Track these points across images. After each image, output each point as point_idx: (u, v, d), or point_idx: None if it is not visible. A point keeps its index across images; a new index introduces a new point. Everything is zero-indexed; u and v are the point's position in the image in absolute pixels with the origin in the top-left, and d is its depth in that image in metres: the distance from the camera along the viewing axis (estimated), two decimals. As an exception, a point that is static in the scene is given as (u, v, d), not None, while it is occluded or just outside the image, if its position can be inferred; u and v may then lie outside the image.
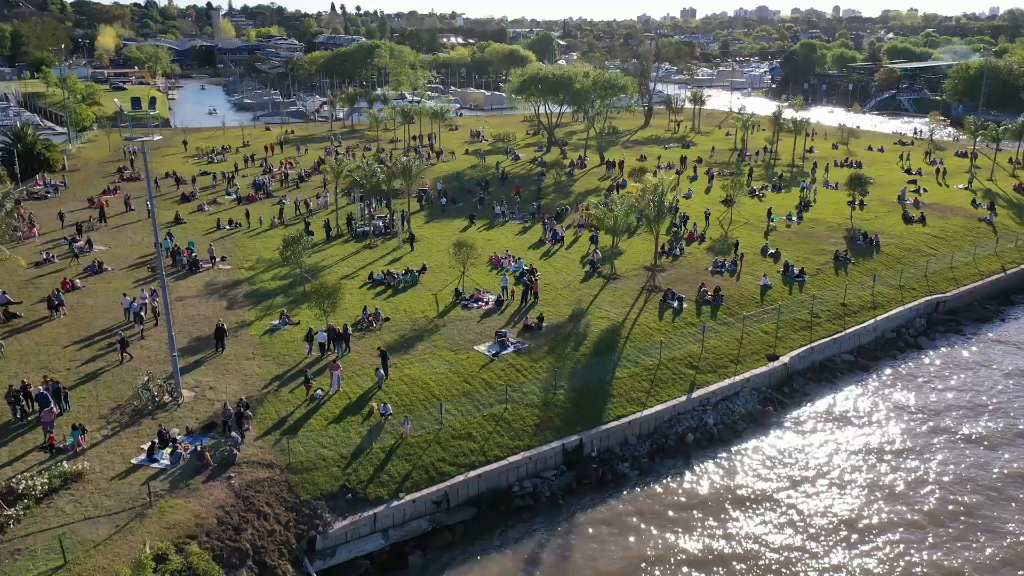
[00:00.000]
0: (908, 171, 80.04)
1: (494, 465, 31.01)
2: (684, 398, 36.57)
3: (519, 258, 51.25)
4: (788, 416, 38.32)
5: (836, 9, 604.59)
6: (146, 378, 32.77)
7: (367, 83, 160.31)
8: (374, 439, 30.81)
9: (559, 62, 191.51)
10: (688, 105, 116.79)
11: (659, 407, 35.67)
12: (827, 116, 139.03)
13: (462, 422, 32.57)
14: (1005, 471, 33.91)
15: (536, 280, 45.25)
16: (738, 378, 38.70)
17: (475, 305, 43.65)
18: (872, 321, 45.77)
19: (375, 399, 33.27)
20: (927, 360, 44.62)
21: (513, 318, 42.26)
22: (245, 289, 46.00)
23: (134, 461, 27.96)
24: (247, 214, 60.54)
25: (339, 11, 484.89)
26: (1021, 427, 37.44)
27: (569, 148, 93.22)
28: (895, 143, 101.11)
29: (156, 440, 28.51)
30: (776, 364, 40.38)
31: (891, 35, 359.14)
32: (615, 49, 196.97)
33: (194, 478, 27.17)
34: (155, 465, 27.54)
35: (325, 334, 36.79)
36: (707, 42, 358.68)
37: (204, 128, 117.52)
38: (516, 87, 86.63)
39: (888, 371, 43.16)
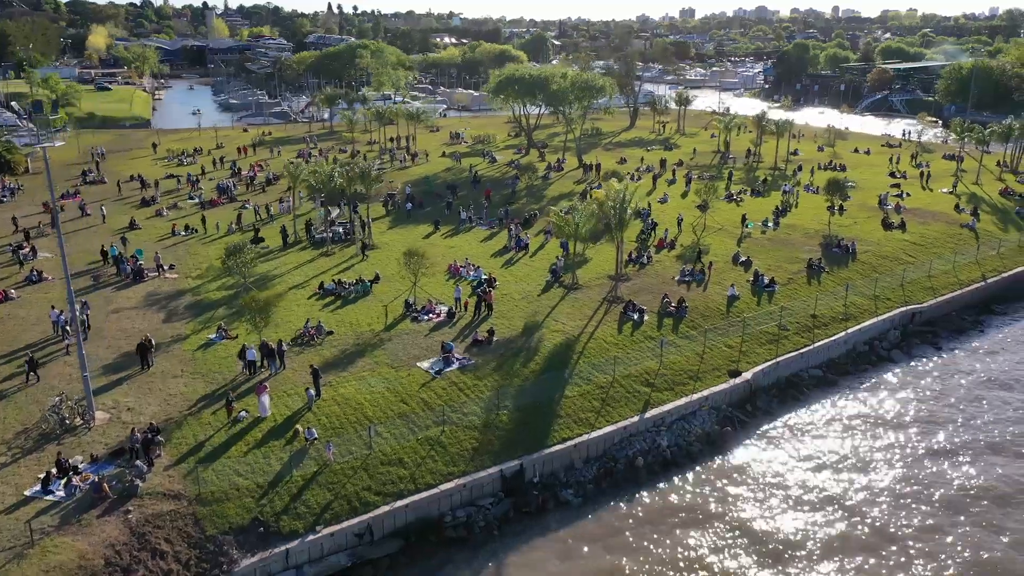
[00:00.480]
0: (892, 174, 78.03)
1: (425, 493, 29.03)
2: (636, 418, 34.58)
3: (478, 267, 49.28)
4: (748, 436, 36.33)
5: (835, 9, 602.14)
6: (57, 399, 30.78)
7: (355, 83, 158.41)
8: (295, 466, 28.84)
9: (552, 62, 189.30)
10: (673, 106, 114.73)
11: (609, 428, 33.69)
12: (817, 117, 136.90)
13: (394, 446, 30.59)
14: (970, 486, 32.15)
15: (491, 291, 43.25)
16: (696, 396, 36.72)
17: (425, 318, 41.68)
18: (843, 334, 43.79)
19: (302, 422, 31.30)
20: (899, 374, 42.64)
21: (464, 332, 40.30)
22: (188, 300, 44.02)
23: (27, 493, 26.00)
24: (203, 219, 58.51)
25: (335, 11, 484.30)
26: (989, 440, 35.50)
27: (549, 150, 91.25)
28: (882, 145, 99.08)
29: (53, 469, 26.53)
30: (738, 381, 38.40)
31: (887, 35, 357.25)
32: (602, 49, 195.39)
33: (88, 512, 25.21)
34: (48, 498, 25.59)
35: (255, 351, 34.80)
36: (702, 42, 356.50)
37: (183, 129, 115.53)
38: (492, 88, 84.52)
39: (857, 386, 41.17)
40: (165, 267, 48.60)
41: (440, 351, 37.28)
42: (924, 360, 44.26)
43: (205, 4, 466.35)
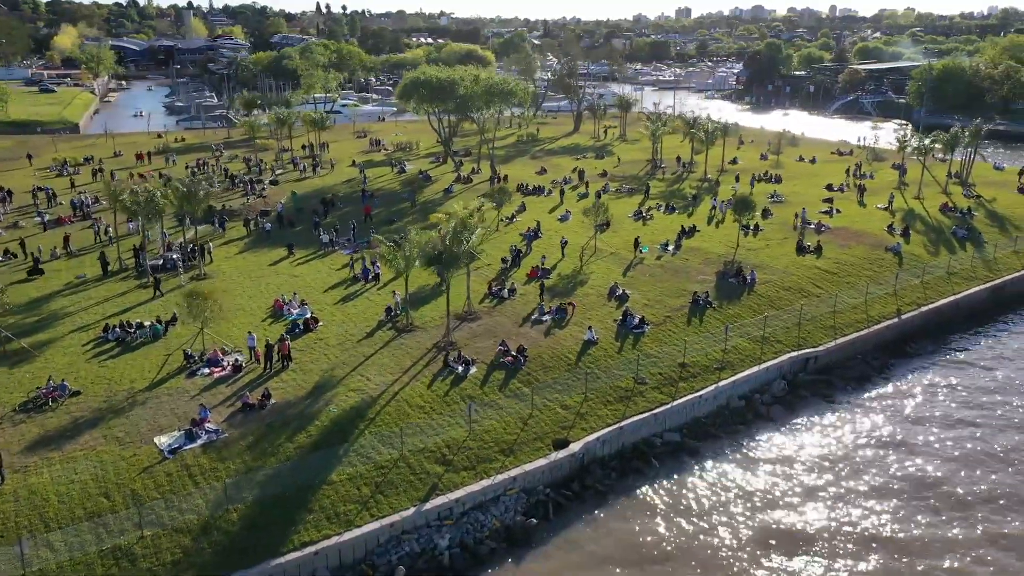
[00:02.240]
0: (829, 187, 71.19)
1: (83, 631, 22.31)
2: (412, 510, 27.77)
3: (305, 302, 42.50)
4: (566, 526, 29.53)
5: (832, 9, 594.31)
6: None
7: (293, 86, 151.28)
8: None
9: (498, 66, 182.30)
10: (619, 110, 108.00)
11: (371, 526, 26.89)
12: (779, 120, 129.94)
13: (61, 562, 23.81)
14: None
15: (286, 340, 36.35)
16: (502, 477, 29.92)
17: (205, 371, 34.92)
18: (711, 388, 36.98)
19: (-49, 529, 24.56)
20: (775, 437, 35.80)
21: (244, 390, 33.53)
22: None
23: None
24: (22, 243, 51.71)
25: (323, 11, 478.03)
26: (872, 534, 28.70)
27: (471, 159, 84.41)
28: (832, 152, 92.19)
29: None
30: (562, 454, 31.61)
31: (877, 34, 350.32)
32: (587, 49, 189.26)
33: None
34: None
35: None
36: (685, 42, 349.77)
37: (93, 135, 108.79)
38: (400, 91, 77.72)
39: (721, 454, 34.36)
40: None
41: (190, 422, 30.51)
42: (809, 418, 37.43)
43: (190, 3, 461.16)
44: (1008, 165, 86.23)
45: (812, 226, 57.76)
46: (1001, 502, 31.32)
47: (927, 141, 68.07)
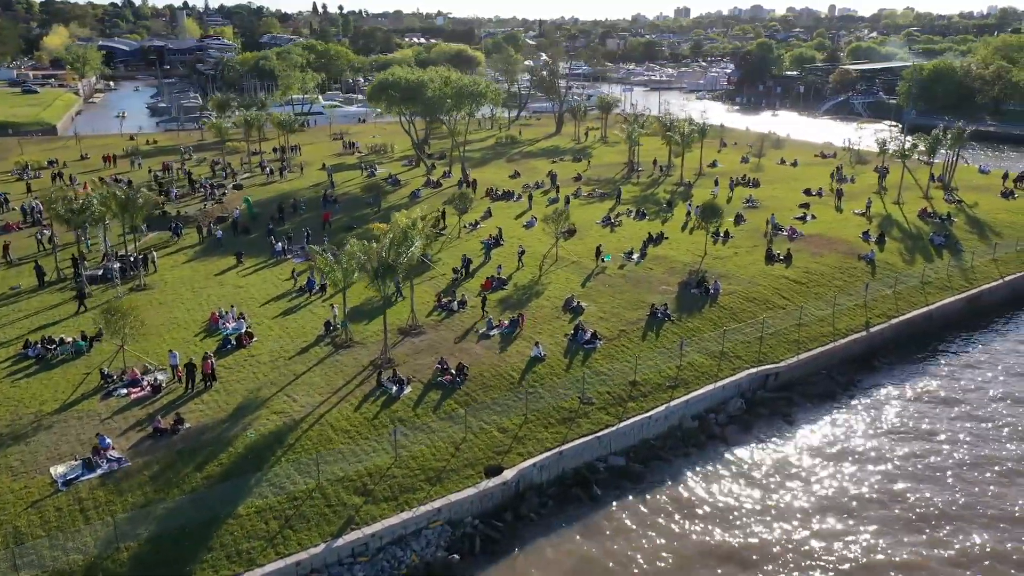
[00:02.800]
0: (807, 191, 69.18)
1: None
2: (323, 547, 25.80)
3: (243, 315, 40.52)
4: (494, 561, 27.59)
5: (832, 9, 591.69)
6: None
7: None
8: None
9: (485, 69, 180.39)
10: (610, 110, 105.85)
11: (274, 565, 24.91)
12: (769, 121, 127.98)
13: (-77, 612, 21.88)
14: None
15: (210, 359, 34.33)
16: (425, 508, 27.94)
17: (123, 392, 32.95)
18: (662, 408, 35.00)
19: None
20: (728, 459, 33.84)
21: (159, 412, 31.56)
22: None
23: None
24: (-50, 254, 49.78)
25: (319, 11, 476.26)
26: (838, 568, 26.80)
27: (444, 162, 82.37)
28: (815, 155, 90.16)
29: None
30: (494, 482, 29.62)
31: (874, 34, 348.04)
32: (581, 48, 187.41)
33: None
34: None
35: None
36: (678, 42, 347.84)
37: (65, 137, 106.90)
38: (369, 93, 75.70)
39: (668, 479, 32.35)
40: None
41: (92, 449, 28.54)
42: (767, 438, 35.46)
43: (185, 3, 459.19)
44: (996, 168, 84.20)
45: (785, 233, 55.75)
46: (961, 521, 29.53)
47: (907, 144, 65.95)
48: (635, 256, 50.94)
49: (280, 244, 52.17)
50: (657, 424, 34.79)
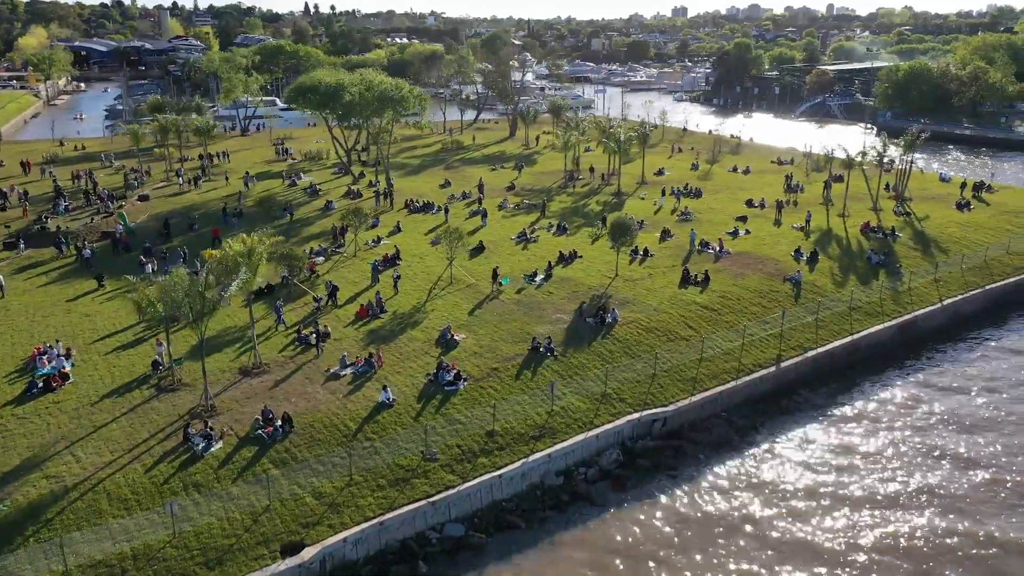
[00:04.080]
0: (749, 202, 64.59)
1: None
2: (44, 658, 21.28)
3: (70, 351, 35.96)
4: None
5: (829, 8, 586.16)
6: None
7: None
8: None
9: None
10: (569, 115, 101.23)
11: None
12: (739, 124, 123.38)
13: None
14: None
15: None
16: (192, 601, 23.43)
17: None
18: (518, 464, 30.45)
19: None
20: (591, 524, 29.29)
21: (-87, 478, 27.01)
22: None
23: None
24: None
25: (310, 11, 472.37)
26: None
27: (379, 170, 77.69)
28: (771, 161, 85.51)
29: None
30: (290, 563, 25.06)
31: (865, 33, 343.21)
32: (572, 49, 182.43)
33: None
34: None
35: None
36: (664, 42, 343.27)
37: (20, 141, 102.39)
38: (287, 96, 71.18)
39: (513, 552, 27.81)
40: None
41: None
42: (644, 497, 30.90)
43: (174, 3, 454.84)
44: (957, 175, 79.65)
45: (710, 250, 51.20)
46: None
47: (855, 152, 61.13)
48: (539, 278, 46.37)
49: (151, 265, 47.58)
50: (512, 483, 30.24)
